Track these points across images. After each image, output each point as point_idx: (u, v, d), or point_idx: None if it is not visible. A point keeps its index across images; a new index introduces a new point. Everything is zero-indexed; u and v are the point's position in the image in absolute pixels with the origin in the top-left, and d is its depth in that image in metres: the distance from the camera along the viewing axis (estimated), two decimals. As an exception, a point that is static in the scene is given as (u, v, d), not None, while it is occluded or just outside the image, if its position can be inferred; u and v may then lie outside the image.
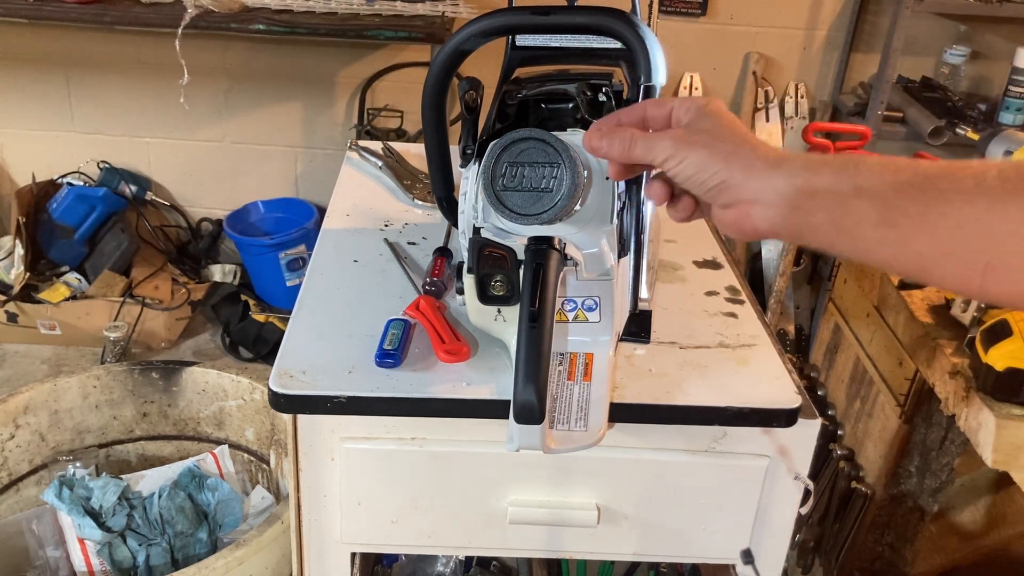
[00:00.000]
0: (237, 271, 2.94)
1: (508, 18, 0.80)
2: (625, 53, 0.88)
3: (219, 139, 2.91)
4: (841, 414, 1.73)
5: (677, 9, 2.67)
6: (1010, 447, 1.16)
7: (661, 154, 0.65)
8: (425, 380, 0.83)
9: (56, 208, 2.76)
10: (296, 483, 0.87)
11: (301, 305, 0.94)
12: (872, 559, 1.63)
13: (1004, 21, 2.54)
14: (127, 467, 1.87)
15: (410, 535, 0.90)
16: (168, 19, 2.27)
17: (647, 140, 0.66)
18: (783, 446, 0.86)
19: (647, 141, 0.66)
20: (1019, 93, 2.42)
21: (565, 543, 0.91)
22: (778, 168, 0.61)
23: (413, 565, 1.30)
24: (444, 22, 2.35)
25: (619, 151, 0.67)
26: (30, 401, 1.73)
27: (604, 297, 0.82)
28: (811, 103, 2.80)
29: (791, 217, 0.60)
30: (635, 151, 0.66)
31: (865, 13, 2.68)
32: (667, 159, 0.64)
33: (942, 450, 1.43)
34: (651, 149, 0.65)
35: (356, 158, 1.34)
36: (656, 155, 0.65)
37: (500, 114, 0.86)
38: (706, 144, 0.63)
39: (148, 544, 1.64)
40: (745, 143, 0.63)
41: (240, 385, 1.80)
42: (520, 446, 0.70)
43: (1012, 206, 0.52)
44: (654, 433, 0.85)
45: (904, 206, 0.55)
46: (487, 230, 0.79)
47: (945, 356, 1.28)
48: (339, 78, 2.81)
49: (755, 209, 0.62)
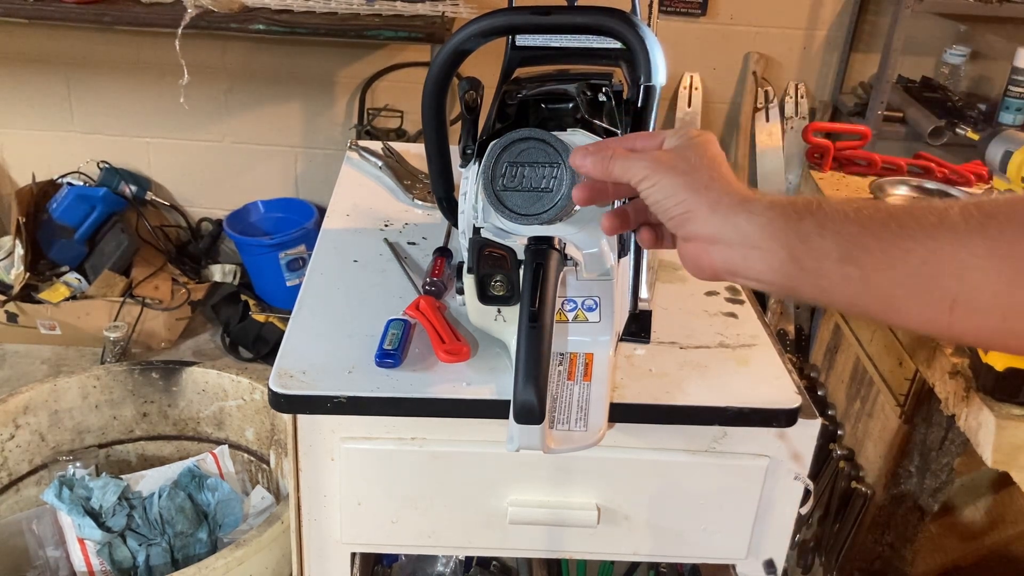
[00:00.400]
0: (237, 271, 2.94)
1: (508, 18, 0.80)
2: (625, 53, 0.88)
3: (219, 139, 2.91)
4: (841, 414, 1.73)
5: (677, 9, 2.67)
6: (1010, 447, 1.16)
7: (637, 174, 0.64)
8: (425, 380, 0.83)
9: (56, 208, 2.76)
10: (296, 483, 0.87)
11: (301, 305, 0.94)
12: (872, 559, 1.63)
13: (1004, 21, 2.54)
14: (127, 467, 1.87)
15: (410, 535, 0.90)
16: (168, 19, 2.27)
17: (626, 159, 0.65)
18: (783, 446, 0.86)
19: (626, 160, 0.65)
20: (1019, 93, 2.42)
21: (565, 543, 0.91)
22: (742, 206, 0.60)
23: (413, 565, 1.30)
24: (444, 22, 2.35)
25: (599, 168, 0.66)
26: (30, 401, 1.73)
27: (604, 297, 0.82)
28: (811, 103, 2.80)
29: (751, 257, 0.59)
30: (613, 168, 0.66)
31: (865, 13, 2.68)
32: (642, 180, 0.63)
33: (942, 450, 1.43)
34: (628, 168, 0.65)
35: (356, 158, 1.34)
36: (632, 174, 0.64)
37: (500, 114, 0.86)
38: (682, 172, 0.62)
39: (148, 544, 1.64)
40: (720, 178, 0.62)
41: (240, 385, 1.80)
42: (520, 446, 0.70)
43: (977, 241, 0.51)
44: (654, 433, 0.85)
45: (866, 242, 0.54)
46: (487, 230, 0.79)
47: (945, 356, 1.28)
48: (339, 78, 2.81)
49: (715, 248, 0.61)
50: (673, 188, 0.62)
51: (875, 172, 1.75)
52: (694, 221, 0.61)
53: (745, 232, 0.59)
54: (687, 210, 0.61)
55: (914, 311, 0.54)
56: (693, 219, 0.61)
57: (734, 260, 0.60)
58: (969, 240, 0.51)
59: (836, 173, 1.76)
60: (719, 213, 0.60)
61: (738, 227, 0.59)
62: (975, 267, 0.51)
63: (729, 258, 0.60)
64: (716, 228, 0.60)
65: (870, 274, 0.54)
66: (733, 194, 0.61)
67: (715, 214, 0.60)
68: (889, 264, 0.53)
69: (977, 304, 0.51)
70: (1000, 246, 0.50)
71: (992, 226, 0.51)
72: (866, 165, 1.76)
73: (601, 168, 0.66)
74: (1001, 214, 0.51)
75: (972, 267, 0.51)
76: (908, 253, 0.53)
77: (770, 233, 0.58)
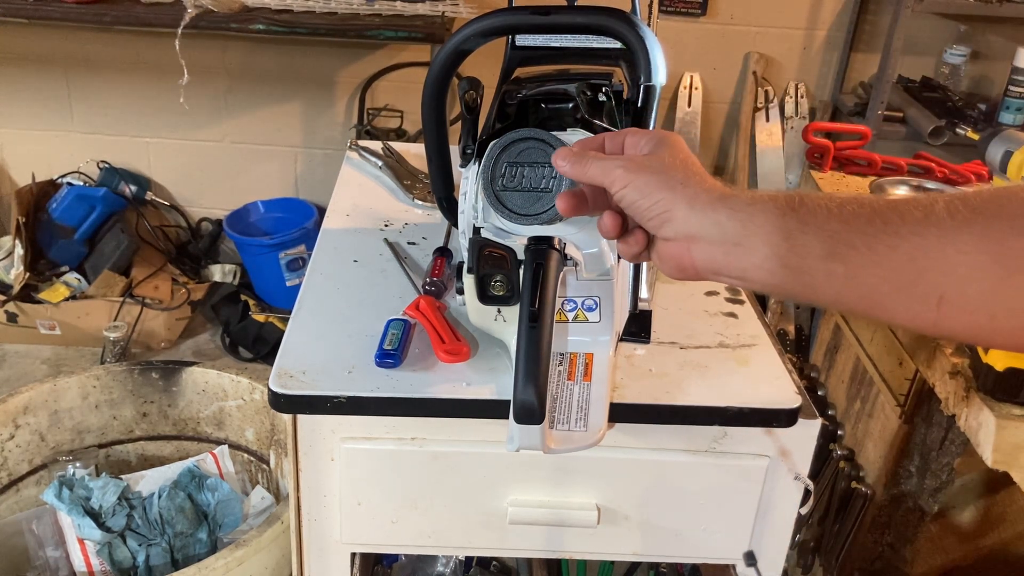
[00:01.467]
0: (237, 271, 2.94)
1: (508, 18, 0.80)
2: (625, 53, 0.88)
3: (219, 139, 2.91)
4: (841, 414, 1.73)
5: (677, 9, 2.67)
6: (1010, 447, 1.16)
7: (610, 176, 0.63)
8: (425, 380, 0.83)
9: (56, 208, 2.76)
10: (296, 483, 0.87)
11: (301, 305, 0.94)
12: (872, 559, 1.63)
13: (1004, 21, 2.54)
14: (127, 467, 1.86)
15: (410, 535, 0.90)
16: (168, 19, 2.27)
17: (602, 162, 0.64)
18: (783, 446, 0.86)
19: (602, 163, 0.64)
20: (1019, 93, 2.42)
21: (565, 543, 0.91)
22: (722, 202, 0.59)
23: (413, 565, 1.30)
24: (444, 22, 2.35)
25: (577, 170, 0.66)
26: (30, 401, 1.73)
27: (604, 297, 0.82)
28: (811, 103, 2.80)
29: (733, 254, 0.58)
30: (589, 170, 0.65)
31: (865, 13, 2.68)
32: (615, 180, 0.63)
33: (942, 450, 1.43)
34: (604, 170, 0.64)
35: (356, 158, 1.34)
36: (607, 177, 0.63)
37: (500, 114, 0.86)
38: (655, 171, 0.61)
39: (148, 544, 1.64)
40: (694, 175, 0.61)
41: (240, 385, 1.80)
42: (520, 446, 0.70)
43: (964, 236, 0.50)
44: (654, 433, 0.85)
45: (851, 238, 0.53)
46: (487, 230, 0.79)
47: (945, 356, 1.28)
48: (339, 78, 2.81)
49: (696, 246, 0.60)
50: (648, 188, 0.61)
51: (875, 172, 1.75)
52: (673, 220, 0.60)
53: (726, 229, 0.58)
54: (665, 209, 0.60)
55: (900, 308, 0.53)
56: (672, 218, 0.60)
57: (716, 258, 0.59)
58: (956, 236, 0.50)
59: (836, 173, 1.76)
60: (697, 210, 0.59)
61: (718, 223, 0.58)
62: (962, 263, 0.50)
63: (711, 256, 0.59)
64: (696, 226, 0.59)
65: (855, 271, 0.53)
66: (711, 190, 0.60)
67: (693, 211, 0.59)
68: (874, 261, 0.53)
69: (964, 300, 0.51)
70: (988, 243, 0.50)
71: (979, 221, 0.50)
72: (866, 165, 1.76)
73: (578, 170, 0.66)
74: (988, 209, 0.51)
75: (959, 263, 0.50)
76: (893, 250, 0.52)
77: (751, 230, 0.57)
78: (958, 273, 0.50)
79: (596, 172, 0.64)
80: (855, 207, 0.54)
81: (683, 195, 0.60)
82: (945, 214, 0.51)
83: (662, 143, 0.64)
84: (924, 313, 0.52)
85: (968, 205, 0.51)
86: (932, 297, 0.51)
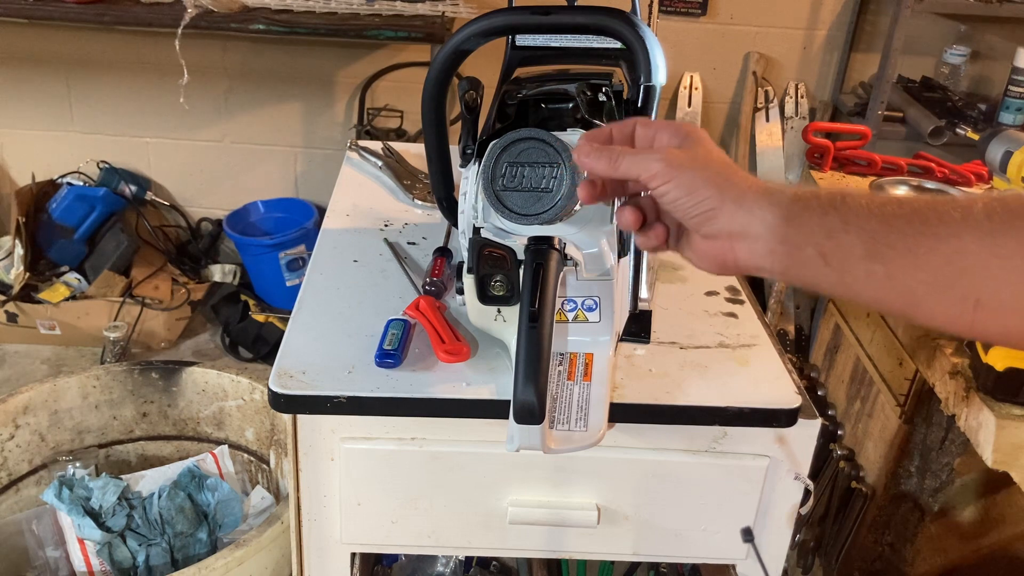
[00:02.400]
0: (237, 271, 2.94)
1: (508, 18, 0.80)
2: (625, 53, 0.88)
3: (219, 139, 2.91)
4: (841, 414, 1.73)
5: (677, 9, 2.67)
6: (1010, 447, 1.16)
7: (649, 171, 0.62)
8: (425, 380, 0.83)
9: (56, 208, 2.76)
10: (296, 483, 0.87)
11: (301, 305, 0.94)
12: (872, 559, 1.63)
13: (1004, 21, 2.54)
14: (127, 467, 1.86)
15: (410, 535, 0.90)
16: (168, 19, 2.27)
17: (636, 156, 0.63)
18: (783, 446, 0.86)
19: (635, 157, 0.63)
20: (1019, 93, 2.42)
21: (565, 543, 0.91)
22: (768, 199, 0.59)
23: (413, 565, 1.30)
24: (444, 22, 2.35)
25: (604, 167, 0.64)
26: (30, 401, 1.73)
27: (604, 297, 0.82)
28: (811, 103, 2.80)
29: (778, 251, 0.58)
30: (620, 166, 0.63)
31: (865, 13, 2.68)
32: (654, 176, 0.61)
33: (942, 450, 1.43)
34: (638, 165, 0.62)
35: (356, 158, 1.34)
36: (643, 172, 0.62)
37: (500, 114, 0.86)
38: (698, 168, 0.61)
39: (148, 544, 1.64)
40: (736, 172, 0.61)
41: (240, 385, 1.80)
42: (520, 446, 0.70)
43: (1002, 240, 0.50)
44: (654, 433, 0.85)
45: (891, 239, 0.54)
46: (487, 230, 0.79)
47: (945, 356, 1.28)
48: (339, 78, 2.81)
49: (741, 243, 0.60)
50: (693, 184, 0.60)
51: (875, 172, 1.75)
52: (719, 218, 0.60)
53: (772, 226, 0.58)
54: (712, 207, 0.60)
55: (938, 309, 0.54)
56: (718, 215, 0.60)
57: (760, 255, 0.59)
58: (994, 239, 0.51)
59: (836, 173, 1.76)
60: (745, 208, 0.59)
61: (765, 221, 0.58)
62: (1001, 266, 0.50)
63: (755, 253, 0.59)
64: (743, 224, 0.59)
65: (894, 271, 0.54)
66: (756, 188, 0.60)
67: (741, 209, 0.59)
68: (913, 262, 0.53)
69: (1001, 303, 0.51)
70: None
71: (1018, 225, 0.50)
72: (866, 165, 1.76)
73: (607, 165, 0.64)
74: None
75: (997, 266, 0.50)
76: (932, 251, 0.52)
77: (796, 227, 0.57)
78: (995, 276, 0.51)
79: (630, 167, 0.63)
80: (894, 207, 0.55)
81: (730, 192, 0.60)
82: (983, 216, 0.51)
83: (692, 138, 0.63)
84: (961, 315, 0.52)
85: (1007, 207, 0.51)
86: (969, 299, 0.52)
